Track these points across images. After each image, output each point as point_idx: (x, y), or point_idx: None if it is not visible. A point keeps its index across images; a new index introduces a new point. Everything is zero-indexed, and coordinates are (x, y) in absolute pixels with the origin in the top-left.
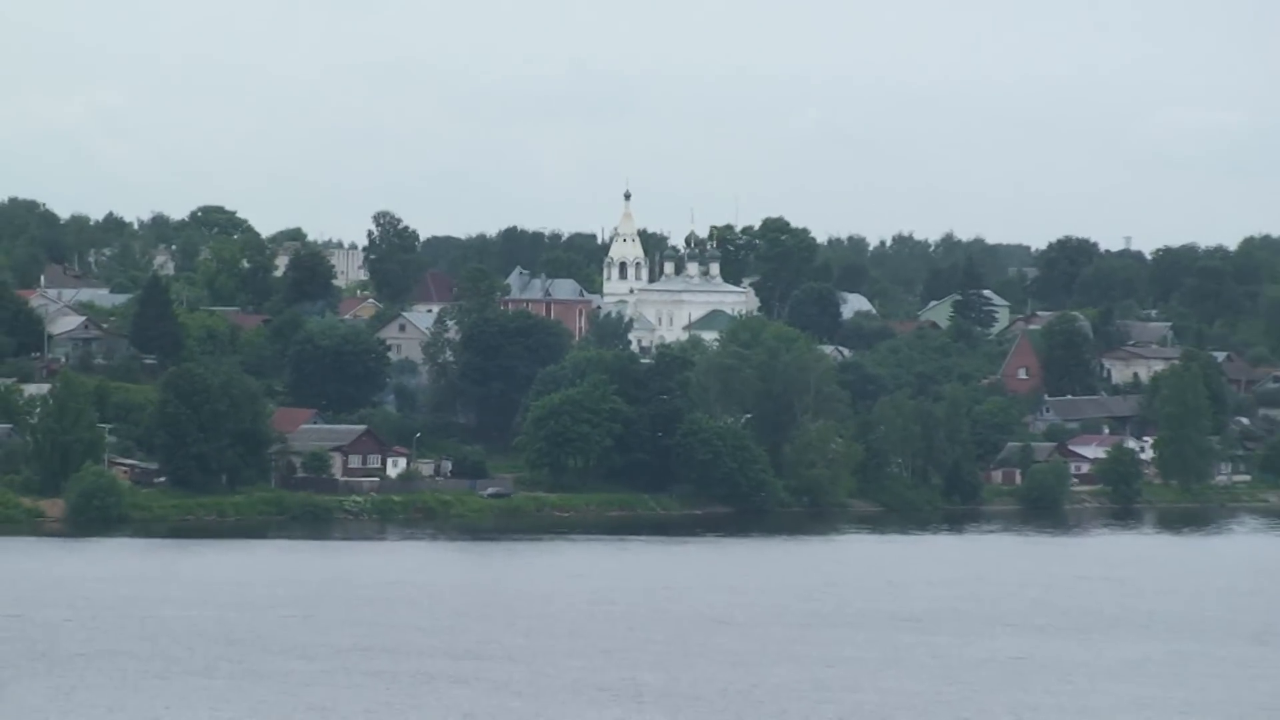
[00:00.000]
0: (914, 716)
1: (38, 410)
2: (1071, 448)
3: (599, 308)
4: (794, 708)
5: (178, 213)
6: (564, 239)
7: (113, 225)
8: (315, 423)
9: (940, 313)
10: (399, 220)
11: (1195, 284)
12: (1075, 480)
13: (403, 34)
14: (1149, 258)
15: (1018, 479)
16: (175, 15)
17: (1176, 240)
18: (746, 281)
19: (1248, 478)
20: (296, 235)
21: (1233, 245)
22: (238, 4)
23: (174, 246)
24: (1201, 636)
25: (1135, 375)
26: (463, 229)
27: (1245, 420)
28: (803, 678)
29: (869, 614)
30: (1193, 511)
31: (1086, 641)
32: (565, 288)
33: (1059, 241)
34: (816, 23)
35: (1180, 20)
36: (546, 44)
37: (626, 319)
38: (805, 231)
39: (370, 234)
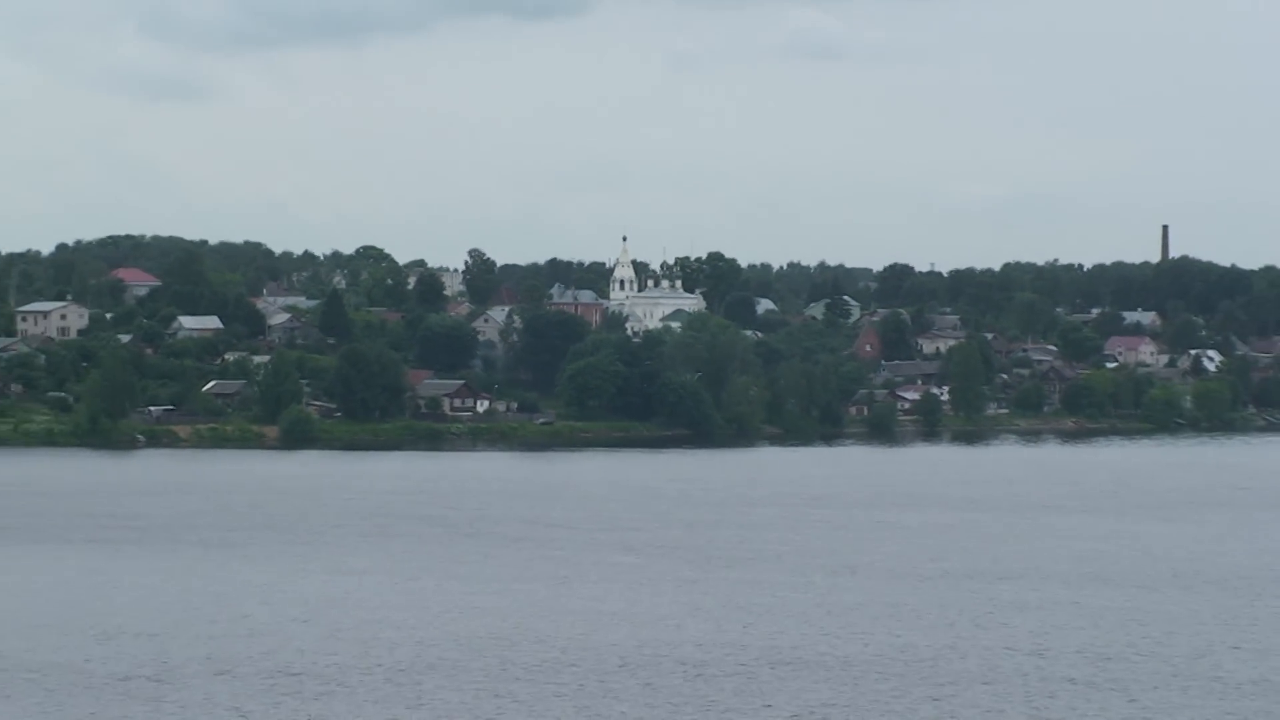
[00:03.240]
0: (810, 558)
1: (261, 371)
2: (898, 393)
3: (608, 308)
4: (736, 552)
5: (348, 249)
6: (586, 265)
7: (307, 258)
8: (432, 379)
9: (818, 311)
10: (484, 253)
11: (975, 292)
12: (901, 413)
13: (481, 136)
14: (946, 275)
15: (866, 412)
16: (342, 124)
17: (963, 264)
18: (698, 291)
19: (1007, 411)
20: (421, 264)
21: (997, 268)
22: (379, 123)
23: (345, 271)
24: (985, 509)
25: (938, 348)
26: (523, 259)
27: (1005, 375)
28: (739, 536)
29: (783, 496)
30: (973, 432)
31: (918, 512)
32: (587, 296)
33: (890, 266)
34: (740, 132)
35: (964, 126)
36: (572, 142)
37: (624, 315)
38: (734, 260)
39: (466, 262)
